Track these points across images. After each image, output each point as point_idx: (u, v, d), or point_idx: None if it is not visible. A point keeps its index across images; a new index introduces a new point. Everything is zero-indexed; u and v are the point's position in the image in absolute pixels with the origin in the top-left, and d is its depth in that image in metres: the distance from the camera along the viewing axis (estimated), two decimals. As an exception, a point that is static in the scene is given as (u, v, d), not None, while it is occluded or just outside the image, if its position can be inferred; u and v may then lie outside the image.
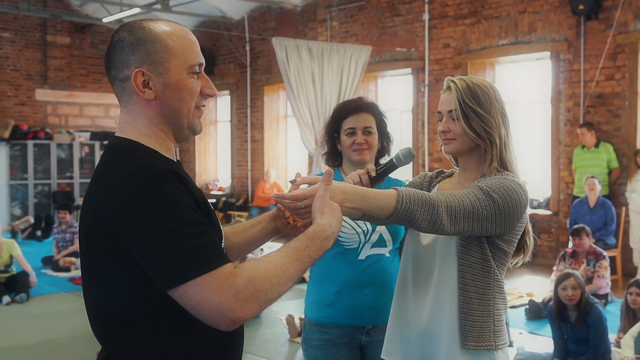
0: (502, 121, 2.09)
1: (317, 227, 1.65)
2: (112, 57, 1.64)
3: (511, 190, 1.98)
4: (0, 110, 14.71)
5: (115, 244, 1.51)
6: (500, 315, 2.09)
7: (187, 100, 1.65)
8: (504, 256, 2.09)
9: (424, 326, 2.11)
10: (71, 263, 9.63)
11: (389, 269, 2.82)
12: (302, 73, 9.19)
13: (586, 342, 5.12)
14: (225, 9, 13.88)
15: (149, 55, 1.61)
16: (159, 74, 1.62)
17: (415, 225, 1.92)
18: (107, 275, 1.57)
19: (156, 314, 1.56)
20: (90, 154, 15.45)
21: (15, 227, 13.12)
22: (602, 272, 6.97)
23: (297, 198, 1.78)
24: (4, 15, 14.61)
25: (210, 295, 1.44)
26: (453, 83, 2.10)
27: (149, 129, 1.65)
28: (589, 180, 8.24)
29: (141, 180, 1.50)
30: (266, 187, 13.13)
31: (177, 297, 1.48)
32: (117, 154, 1.62)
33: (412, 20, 11.01)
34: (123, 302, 1.56)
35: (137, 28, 1.64)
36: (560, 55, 9.23)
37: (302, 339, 2.91)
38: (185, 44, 1.65)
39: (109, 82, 1.69)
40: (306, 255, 1.59)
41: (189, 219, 1.50)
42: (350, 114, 2.87)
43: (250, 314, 1.49)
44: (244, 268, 1.50)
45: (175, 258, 1.46)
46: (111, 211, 1.51)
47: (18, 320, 7.00)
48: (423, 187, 2.30)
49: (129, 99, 1.66)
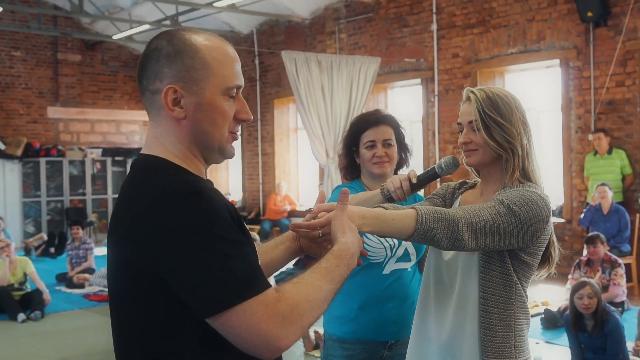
0: (523, 130, 2.06)
1: (342, 246, 1.58)
2: (146, 65, 1.52)
3: (532, 203, 1.94)
4: (13, 129, 14.82)
5: (147, 269, 1.40)
6: (522, 330, 2.05)
7: (219, 124, 1.52)
8: (527, 269, 2.05)
9: (445, 341, 2.09)
10: (85, 279, 9.66)
11: (411, 283, 2.81)
12: (311, 86, 9.21)
13: (604, 350, 5.09)
14: (234, 23, 13.95)
15: (186, 71, 1.49)
16: (193, 93, 1.49)
17: (436, 244, 1.88)
18: (137, 306, 1.45)
19: (186, 348, 1.43)
20: (102, 170, 15.53)
21: (29, 244, 13.18)
22: (618, 280, 6.91)
23: (315, 226, 1.74)
24: (16, 34, 14.75)
25: (258, 323, 1.34)
26: (472, 94, 2.07)
27: (177, 148, 1.53)
28: (599, 188, 8.18)
29: (178, 198, 1.39)
30: (278, 200, 13.14)
31: (218, 325, 1.36)
32: (146, 172, 1.50)
33: (421, 30, 11.02)
34: (153, 335, 1.44)
35: (177, 38, 1.51)
36: (569, 62, 9.21)
37: (323, 355, 2.88)
38: (226, 63, 1.52)
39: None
40: (338, 275, 1.53)
41: (231, 239, 1.39)
42: (370, 126, 2.84)
43: (294, 340, 1.39)
44: (287, 291, 1.41)
45: (217, 282, 1.34)
46: (144, 233, 1.39)
47: (34, 338, 7.01)
48: (446, 198, 2.27)
49: (157, 113, 1.53)
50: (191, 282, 1.35)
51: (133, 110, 16.28)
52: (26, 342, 6.88)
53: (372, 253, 2.71)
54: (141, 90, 1.56)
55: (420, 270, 2.91)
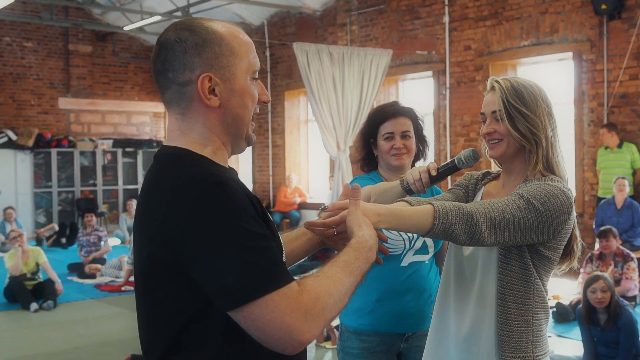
0: (548, 121, 2.01)
1: (359, 239, 1.57)
2: (169, 58, 1.50)
3: (553, 197, 1.91)
4: (24, 119, 14.88)
5: (171, 261, 1.40)
6: (541, 326, 2.03)
7: (250, 108, 1.56)
8: (548, 264, 2.03)
9: (464, 335, 2.08)
10: (96, 270, 9.71)
11: (428, 275, 2.81)
12: (323, 78, 9.20)
13: (616, 345, 5.07)
14: (245, 15, 13.93)
15: (216, 59, 1.49)
16: (226, 80, 1.50)
17: (454, 239, 1.85)
18: (162, 297, 1.45)
19: (209, 340, 1.43)
20: (112, 161, 15.58)
21: (40, 234, 13.26)
22: (630, 274, 6.90)
23: (329, 224, 1.73)
24: (27, 25, 14.79)
25: (281, 316, 1.32)
26: (497, 83, 2.03)
27: (206, 138, 1.52)
28: (618, 181, 8.13)
29: (201, 188, 1.38)
30: (288, 192, 13.15)
31: (240, 318, 1.34)
32: (170, 162, 1.49)
33: (433, 22, 10.98)
34: (176, 326, 1.44)
35: (199, 28, 1.51)
36: (582, 55, 9.15)
37: (339, 346, 2.88)
38: (248, 47, 1.55)
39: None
40: (357, 268, 1.51)
41: (254, 231, 1.37)
42: (388, 118, 2.83)
43: (317, 334, 1.37)
44: (309, 284, 1.39)
45: (240, 274, 1.33)
46: (168, 225, 1.38)
47: (46, 327, 7.06)
48: (469, 188, 2.24)
49: (187, 105, 1.52)
50: (213, 275, 1.34)
51: (144, 101, 16.31)
52: (38, 332, 6.92)
53: (390, 245, 2.69)
54: (164, 85, 1.53)
55: (437, 263, 2.91)
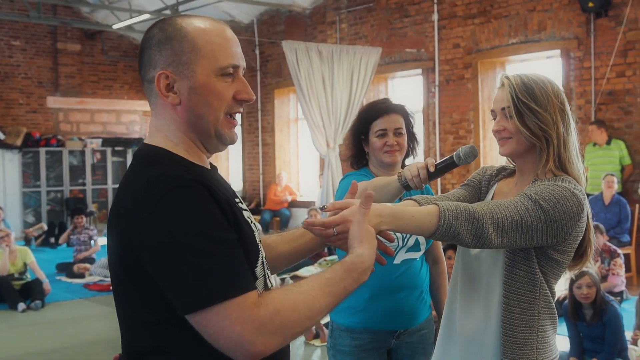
0: (560, 118, 1.94)
1: (356, 258, 1.51)
2: (142, 55, 1.53)
3: (562, 199, 1.84)
4: (12, 118, 14.80)
5: (137, 262, 1.39)
6: (546, 332, 1.97)
7: (214, 106, 1.50)
8: (557, 267, 1.95)
9: (469, 335, 2.03)
10: (85, 269, 9.68)
11: (420, 273, 2.81)
12: (312, 76, 9.21)
13: (602, 340, 5.11)
14: (234, 13, 13.91)
15: (175, 55, 1.48)
16: (185, 77, 1.48)
17: (460, 241, 1.79)
18: (134, 296, 1.45)
19: (180, 339, 1.43)
20: (102, 160, 15.52)
21: (29, 234, 13.20)
22: (617, 270, 6.93)
23: (329, 224, 1.65)
24: (15, 23, 14.70)
25: (230, 326, 1.31)
26: (507, 79, 1.98)
27: (176, 136, 1.52)
28: (607, 178, 8.16)
29: (164, 190, 1.36)
30: (278, 190, 13.15)
31: (194, 323, 1.35)
32: (142, 162, 1.50)
33: (422, 20, 10.99)
34: (149, 325, 1.44)
35: (168, 25, 1.51)
36: (570, 53, 9.19)
37: (329, 344, 2.87)
38: (218, 44, 1.50)
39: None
40: (340, 288, 1.45)
41: (214, 235, 1.35)
42: (380, 115, 2.81)
43: (273, 348, 1.35)
44: (271, 298, 1.37)
45: (195, 280, 1.32)
46: (130, 224, 1.38)
47: (34, 327, 7.04)
48: (482, 184, 2.18)
49: (155, 102, 1.54)
50: (169, 279, 1.35)
51: (133, 100, 16.25)
52: (26, 332, 6.90)
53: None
54: (141, 81, 1.57)
55: (427, 260, 2.92)
